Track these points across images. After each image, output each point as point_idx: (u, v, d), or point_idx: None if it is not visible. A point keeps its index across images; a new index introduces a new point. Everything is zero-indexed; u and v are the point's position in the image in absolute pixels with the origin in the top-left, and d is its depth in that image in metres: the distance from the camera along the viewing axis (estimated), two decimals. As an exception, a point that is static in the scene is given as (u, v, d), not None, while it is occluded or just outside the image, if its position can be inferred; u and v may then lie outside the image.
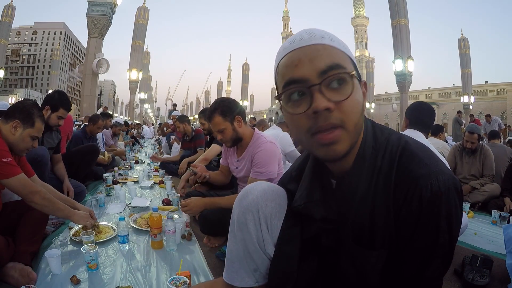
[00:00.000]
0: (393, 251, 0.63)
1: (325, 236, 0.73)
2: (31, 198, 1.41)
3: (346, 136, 0.59)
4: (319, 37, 0.60)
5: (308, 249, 0.78)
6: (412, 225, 0.59)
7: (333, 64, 0.58)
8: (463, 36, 19.02)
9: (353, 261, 0.67)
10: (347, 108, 0.58)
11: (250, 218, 0.83)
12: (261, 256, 0.85)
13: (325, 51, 0.59)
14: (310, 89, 0.57)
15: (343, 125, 0.58)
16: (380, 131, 0.68)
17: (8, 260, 1.25)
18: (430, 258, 0.59)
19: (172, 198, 2.41)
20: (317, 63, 0.58)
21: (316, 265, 0.79)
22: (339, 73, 0.58)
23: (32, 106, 1.56)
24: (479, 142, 3.13)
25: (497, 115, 12.78)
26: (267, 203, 0.82)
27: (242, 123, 1.73)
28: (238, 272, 0.89)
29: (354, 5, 41.27)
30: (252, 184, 0.88)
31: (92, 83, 11.35)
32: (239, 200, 0.87)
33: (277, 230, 0.82)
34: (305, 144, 0.63)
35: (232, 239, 0.89)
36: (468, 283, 1.40)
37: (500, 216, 2.45)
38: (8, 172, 1.36)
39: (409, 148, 0.63)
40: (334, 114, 0.57)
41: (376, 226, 0.63)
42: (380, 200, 0.62)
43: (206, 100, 70.01)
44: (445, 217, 0.57)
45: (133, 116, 18.01)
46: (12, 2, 17.02)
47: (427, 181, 0.57)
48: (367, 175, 0.64)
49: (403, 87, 13.63)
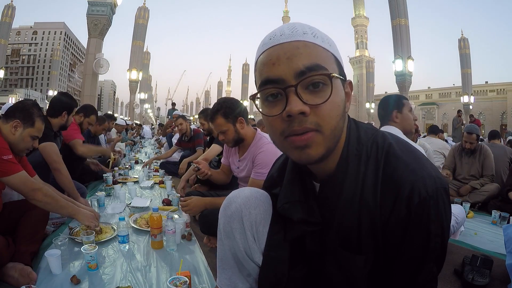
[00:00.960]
0: (382, 257, 0.61)
1: (309, 239, 0.71)
2: (33, 196, 1.41)
3: (321, 139, 0.56)
4: (301, 32, 0.56)
5: (297, 256, 0.76)
6: (402, 231, 0.57)
7: (312, 64, 0.54)
8: (463, 36, 19.03)
9: (340, 266, 0.65)
10: (324, 112, 0.55)
11: (235, 227, 0.80)
12: (250, 263, 0.83)
13: (305, 49, 0.55)
14: (286, 90, 0.54)
15: (319, 129, 0.55)
16: (364, 132, 0.65)
17: (8, 260, 1.25)
18: (422, 263, 0.58)
19: (172, 198, 2.41)
20: (295, 62, 0.54)
21: (305, 273, 0.77)
22: (317, 75, 0.54)
23: (32, 106, 1.56)
24: (478, 142, 3.13)
25: (497, 115, 12.77)
26: (251, 211, 0.79)
27: (244, 124, 1.73)
28: (231, 278, 0.87)
29: (354, 5, 41.25)
30: (236, 191, 0.86)
31: (92, 83, 11.34)
32: (223, 209, 0.84)
33: (263, 237, 0.79)
34: (279, 146, 0.61)
35: (221, 247, 0.86)
36: (468, 283, 1.40)
37: (500, 216, 2.45)
38: (9, 169, 1.36)
39: (393, 152, 0.60)
40: (310, 118, 0.54)
41: (362, 230, 0.61)
42: (366, 206, 0.60)
43: (206, 100, 70.04)
44: (435, 221, 0.56)
45: (133, 116, 17.99)
46: (12, 2, 17.03)
47: (414, 187, 0.56)
48: (351, 179, 0.61)
49: (403, 87, 13.61)
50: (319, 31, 0.59)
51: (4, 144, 1.39)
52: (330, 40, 0.60)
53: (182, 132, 3.93)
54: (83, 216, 1.57)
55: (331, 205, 0.64)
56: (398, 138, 0.65)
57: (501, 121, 27.69)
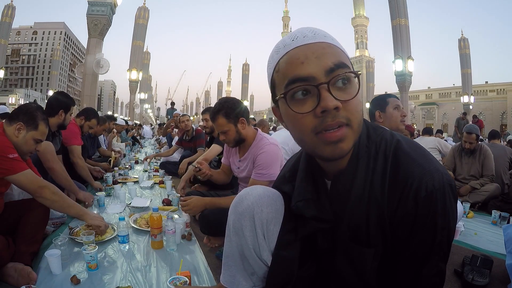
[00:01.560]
0: (389, 250, 0.63)
1: (321, 237, 0.73)
2: (40, 193, 1.41)
3: (351, 134, 0.59)
4: (322, 35, 0.60)
5: (307, 254, 0.77)
6: (409, 225, 0.59)
7: (339, 62, 0.57)
8: (463, 36, 19.01)
9: (350, 260, 0.67)
10: (353, 107, 0.58)
11: (245, 224, 0.81)
12: (257, 262, 0.84)
13: (330, 49, 0.58)
14: (318, 87, 0.56)
15: (349, 123, 0.58)
16: (373, 130, 0.68)
17: (8, 260, 1.26)
18: (428, 256, 0.59)
19: (172, 198, 2.41)
20: (324, 61, 0.57)
21: (314, 271, 0.78)
22: (346, 72, 0.57)
23: (36, 109, 1.56)
24: (477, 142, 3.13)
25: (497, 115, 12.76)
26: (263, 209, 0.80)
27: (245, 124, 1.72)
28: (235, 276, 0.88)
29: (354, 5, 41.27)
30: (248, 189, 0.87)
31: (92, 83, 11.34)
32: (234, 206, 0.85)
33: (274, 236, 0.80)
34: (307, 144, 0.61)
35: (228, 244, 0.88)
36: (468, 283, 1.40)
37: (500, 216, 2.45)
38: (15, 167, 1.36)
39: (401, 147, 0.63)
40: (342, 113, 0.57)
41: (371, 224, 0.63)
42: (375, 199, 0.62)
43: (206, 100, 69.97)
44: (441, 214, 0.58)
45: (133, 116, 17.99)
46: (12, 2, 17.02)
47: (421, 181, 0.57)
48: (361, 175, 0.64)
49: (403, 87, 13.61)
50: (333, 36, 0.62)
51: (8, 143, 1.40)
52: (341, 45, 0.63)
53: (187, 128, 3.94)
54: (91, 217, 1.57)
55: (342, 201, 0.66)
56: (405, 136, 0.68)
57: (501, 121, 27.71)
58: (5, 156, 1.34)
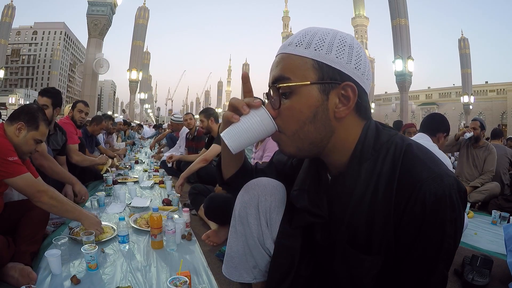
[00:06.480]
0: (392, 258, 0.61)
1: (318, 232, 0.73)
2: (38, 198, 1.40)
3: (287, 140, 0.65)
4: (287, 44, 0.64)
5: (306, 247, 0.78)
6: (415, 231, 0.57)
7: (279, 76, 0.63)
8: (463, 36, 19.03)
9: (347, 264, 0.65)
10: (284, 117, 0.63)
11: (250, 212, 0.85)
12: (261, 251, 0.87)
13: (283, 61, 0.63)
14: (267, 95, 0.67)
15: (281, 131, 0.65)
16: (384, 134, 0.66)
17: (8, 260, 1.25)
18: (435, 264, 0.57)
19: (172, 198, 2.41)
20: (272, 73, 0.65)
21: (311, 269, 0.79)
22: (278, 86, 0.62)
23: (37, 110, 1.57)
24: (482, 131, 3.24)
25: (497, 115, 12.77)
26: (267, 198, 0.84)
27: None
28: (237, 267, 0.91)
29: (354, 5, 41.24)
30: (253, 180, 0.90)
31: (92, 83, 11.34)
32: (241, 195, 0.89)
33: (275, 225, 0.84)
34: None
35: (233, 234, 0.91)
36: (468, 283, 1.40)
37: (500, 216, 2.45)
38: (14, 170, 1.36)
39: (411, 150, 0.61)
40: (277, 121, 0.64)
41: (374, 231, 0.61)
42: (380, 205, 0.59)
43: (206, 100, 70.04)
44: (450, 221, 0.55)
45: (133, 116, 17.99)
46: (12, 2, 17.04)
47: (430, 185, 0.55)
48: (365, 178, 0.62)
49: (403, 87, 13.62)
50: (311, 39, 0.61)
51: (9, 145, 1.40)
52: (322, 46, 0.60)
53: (190, 127, 4.12)
54: (89, 222, 1.57)
55: (343, 202, 0.66)
56: (416, 141, 0.66)
57: (501, 121, 27.69)
58: (5, 158, 1.34)
